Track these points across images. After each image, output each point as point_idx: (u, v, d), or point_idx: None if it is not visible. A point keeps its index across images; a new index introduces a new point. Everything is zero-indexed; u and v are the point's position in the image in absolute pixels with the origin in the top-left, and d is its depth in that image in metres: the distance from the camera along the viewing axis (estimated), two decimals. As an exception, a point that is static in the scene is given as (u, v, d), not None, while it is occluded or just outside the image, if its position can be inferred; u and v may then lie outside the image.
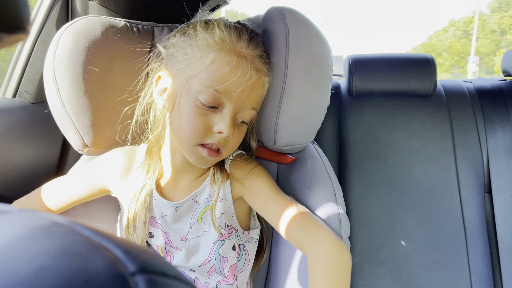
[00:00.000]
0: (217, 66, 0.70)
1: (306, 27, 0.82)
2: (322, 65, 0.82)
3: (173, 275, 0.23)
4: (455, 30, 29.13)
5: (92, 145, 0.86)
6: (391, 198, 1.19)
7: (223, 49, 0.71)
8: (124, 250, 0.22)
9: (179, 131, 0.74)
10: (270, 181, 0.82)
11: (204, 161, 0.76)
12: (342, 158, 1.25)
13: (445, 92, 1.30)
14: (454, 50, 28.92)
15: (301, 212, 0.76)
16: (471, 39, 25.64)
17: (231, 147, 0.77)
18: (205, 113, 0.71)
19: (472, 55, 23.21)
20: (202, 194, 0.81)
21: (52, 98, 0.82)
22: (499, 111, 1.21)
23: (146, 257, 0.23)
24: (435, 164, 1.20)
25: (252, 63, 0.73)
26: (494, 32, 26.22)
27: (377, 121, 1.26)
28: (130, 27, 0.92)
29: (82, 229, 0.24)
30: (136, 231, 0.81)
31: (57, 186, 0.87)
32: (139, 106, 0.84)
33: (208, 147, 0.73)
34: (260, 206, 0.81)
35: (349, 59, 1.31)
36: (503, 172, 1.16)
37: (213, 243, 0.80)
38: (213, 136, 0.72)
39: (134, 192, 0.82)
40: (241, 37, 0.73)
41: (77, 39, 0.81)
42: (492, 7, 26.64)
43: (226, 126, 0.71)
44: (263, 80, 0.77)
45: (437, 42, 30.06)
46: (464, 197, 1.17)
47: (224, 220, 0.81)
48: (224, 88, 0.70)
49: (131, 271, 0.21)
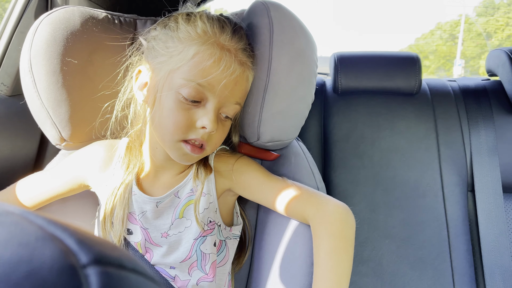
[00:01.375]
0: (199, 59, 0.68)
1: (291, 22, 0.81)
2: (306, 60, 0.81)
3: (131, 268, 0.21)
4: (441, 33, 29.52)
5: (70, 139, 0.84)
6: (375, 196, 1.19)
7: (205, 42, 0.69)
8: (78, 240, 0.20)
9: (160, 126, 0.72)
10: (258, 167, 0.82)
11: (187, 157, 0.74)
12: (327, 156, 1.25)
13: (430, 90, 1.30)
14: (441, 53, 29.30)
15: (299, 187, 0.76)
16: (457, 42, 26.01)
17: (215, 143, 0.75)
18: (187, 108, 0.69)
19: (458, 58, 23.54)
20: (184, 188, 0.80)
21: (28, 90, 0.80)
22: (483, 110, 1.22)
23: (102, 248, 0.21)
24: (419, 162, 1.21)
25: (236, 56, 0.71)
26: (479, 36, 26.63)
27: (362, 119, 1.26)
28: (112, 19, 0.90)
29: (35, 218, 0.22)
30: (114, 228, 0.79)
31: (33, 181, 0.85)
32: (119, 101, 0.82)
33: (191, 143, 0.71)
34: (254, 194, 0.81)
35: (335, 56, 1.30)
36: (486, 171, 1.17)
37: (194, 239, 0.79)
38: (196, 131, 0.71)
39: (113, 188, 0.79)
40: (224, 30, 0.72)
41: (55, 30, 0.79)
42: (478, 11, 27.06)
43: (209, 121, 0.69)
44: (247, 74, 0.75)
45: (424, 45, 30.42)
46: (447, 195, 1.17)
47: (207, 215, 0.79)
48: (207, 81, 0.68)
49: (83, 262, 0.19)
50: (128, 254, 0.23)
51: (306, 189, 0.76)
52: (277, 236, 0.81)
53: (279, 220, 0.83)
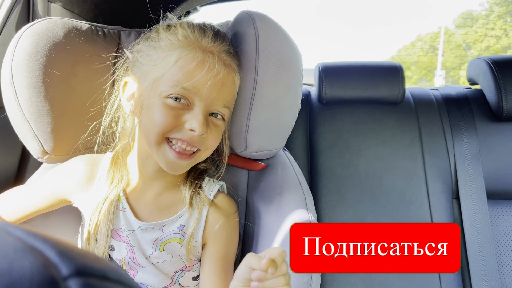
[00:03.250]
0: (182, 63, 0.68)
1: (277, 32, 0.81)
2: (292, 70, 0.82)
3: (115, 279, 0.20)
4: (422, 44, 30.16)
5: (52, 152, 0.82)
6: (362, 205, 1.19)
7: (187, 46, 0.69)
8: (60, 252, 0.20)
9: (147, 129, 0.71)
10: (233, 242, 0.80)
11: (175, 165, 0.72)
12: (313, 165, 1.25)
13: (413, 99, 1.32)
14: (422, 64, 29.91)
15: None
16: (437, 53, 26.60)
17: (209, 146, 0.74)
18: (175, 110, 0.69)
19: (439, 69, 24.05)
20: (171, 225, 0.78)
21: (9, 102, 0.78)
22: (465, 118, 1.24)
23: (85, 259, 0.20)
24: (405, 171, 1.21)
25: (219, 57, 0.71)
26: (459, 47, 27.29)
27: (347, 128, 1.26)
28: (95, 30, 0.89)
29: (14, 230, 0.21)
30: (98, 244, 0.77)
31: (14, 196, 0.82)
32: (106, 116, 0.80)
33: (175, 149, 0.70)
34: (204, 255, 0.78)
35: (319, 67, 1.31)
36: (470, 178, 1.18)
37: (175, 272, 0.78)
38: (183, 131, 0.69)
39: (97, 203, 0.77)
40: (205, 34, 0.72)
41: (37, 41, 0.77)
42: (457, 23, 27.77)
43: (198, 123, 0.68)
44: (232, 76, 0.74)
45: (405, 56, 31.01)
46: (433, 203, 1.18)
47: (189, 254, 0.78)
48: (192, 85, 0.67)
49: (64, 274, 0.18)
50: (112, 266, 0.22)
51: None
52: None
53: (270, 229, 0.82)
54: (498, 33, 25.44)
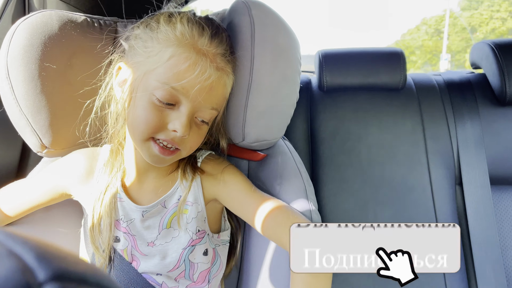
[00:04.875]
0: (175, 62, 0.67)
1: (273, 19, 0.80)
2: (290, 58, 0.80)
3: (95, 283, 0.20)
4: (427, 28, 29.75)
5: (51, 146, 0.82)
6: (364, 193, 1.18)
7: (182, 44, 0.68)
8: (38, 255, 0.19)
9: (133, 125, 0.71)
10: (244, 179, 0.80)
11: (158, 159, 0.72)
12: (314, 154, 1.24)
13: (415, 85, 1.30)
14: (427, 48, 29.54)
15: (278, 207, 0.73)
16: (442, 37, 26.25)
17: (189, 147, 0.74)
18: (161, 110, 0.68)
19: (444, 53, 23.74)
20: (171, 198, 0.78)
21: (6, 96, 0.78)
22: (468, 103, 1.22)
23: (63, 263, 0.20)
24: (407, 157, 1.21)
25: (213, 61, 0.70)
26: (464, 30, 26.90)
27: (349, 116, 1.25)
28: (91, 22, 0.88)
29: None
30: (102, 235, 0.77)
31: (15, 190, 0.83)
32: (99, 98, 0.79)
33: (159, 144, 0.70)
34: (235, 206, 0.79)
35: (319, 54, 1.29)
36: (473, 164, 1.17)
37: (183, 249, 0.77)
38: (166, 132, 0.69)
39: (99, 193, 0.78)
40: (203, 34, 0.70)
41: (32, 34, 0.77)
42: (462, 5, 27.34)
43: (181, 125, 0.67)
44: (224, 79, 0.73)
45: (410, 40, 30.63)
46: (435, 190, 1.17)
47: (195, 225, 0.78)
48: (181, 85, 0.66)
49: (40, 280, 0.18)
50: (93, 269, 0.22)
51: (285, 210, 0.73)
52: (266, 239, 0.80)
53: None
54: (503, 15, 25.04)
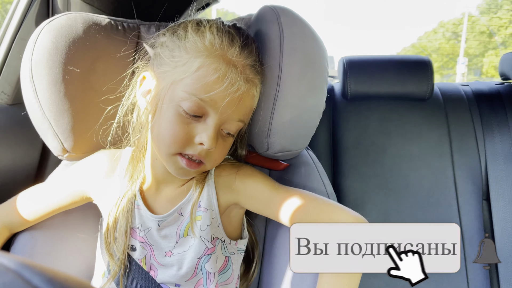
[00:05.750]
0: (203, 73, 0.65)
1: (302, 28, 0.78)
2: (318, 68, 0.78)
3: None
4: (444, 31, 29.40)
5: (72, 151, 0.81)
6: (387, 205, 1.16)
7: (211, 55, 0.66)
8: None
9: (158, 137, 0.69)
10: (263, 178, 0.77)
11: (184, 171, 0.70)
12: (336, 164, 1.21)
13: (442, 95, 1.26)
14: (444, 51, 29.20)
15: (310, 198, 0.71)
16: (460, 40, 25.90)
17: (214, 160, 0.72)
18: (187, 122, 0.66)
19: (461, 57, 23.43)
20: (187, 205, 0.76)
21: (29, 100, 0.77)
22: (498, 115, 1.19)
23: None
24: (432, 170, 1.17)
25: (242, 72, 0.67)
26: (482, 34, 26.51)
27: (373, 125, 1.22)
28: (115, 25, 0.87)
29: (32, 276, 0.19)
30: (117, 243, 0.76)
31: (34, 194, 0.82)
32: (122, 106, 0.78)
33: (187, 158, 0.68)
34: (258, 206, 0.77)
35: (344, 61, 1.27)
36: (502, 179, 1.13)
37: (198, 258, 0.75)
38: (194, 147, 0.67)
39: (116, 198, 0.76)
40: (233, 44, 0.68)
41: (56, 37, 0.76)
42: (481, 8, 26.94)
43: (208, 138, 0.66)
44: (253, 91, 0.71)
45: (426, 43, 30.32)
46: (461, 204, 1.14)
47: (210, 232, 0.76)
48: (210, 97, 0.64)
49: None
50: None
51: (317, 199, 0.72)
52: (287, 250, 0.78)
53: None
54: (524, 20, 24.61)
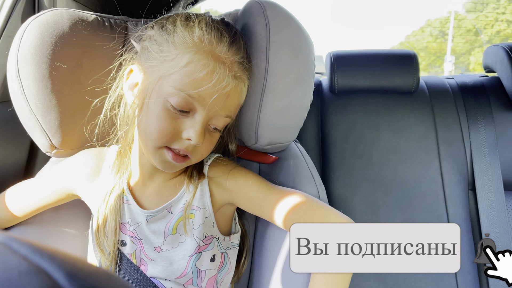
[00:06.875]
0: (192, 69, 0.65)
1: (288, 21, 0.78)
2: (304, 60, 0.79)
3: None
4: (431, 30, 29.68)
5: (60, 147, 0.81)
6: (375, 197, 1.17)
7: (200, 51, 0.66)
8: (68, 273, 0.18)
9: (145, 132, 0.69)
10: (256, 178, 0.78)
11: (169, 165, 0.70)
12: (325, 157, 1.23)
13: (428, 88, 1.28)
14: (431, 50, 29.48)
15: (302, 200, 0.72)
16: (447, 38, 26.17)
17: (200, 154, 0.72)
18: (175, 117, 0.67)
19: (448, 55, 23.68)
20: (178, 203, 0.76)
21: (16, 96, 0.77)
22: (482, 107, 1.21)
23: (95, 280, 0.18)
24: (419, 162, 1.19)
25: (231, 69, 0.68)
26: (469, 32, 26.82)
27: (360, 119, 1.24)
28: (102, 21, 0.87)
29: (19, 247, 0.20)
30: (107, 238, 0.76)
31: (22, 190, 0.82)
32: (109, 98, 0.78)
33: (173, 151, 0.68)
34: (253, 207, 0.77)
35: (331, 56, 1.28)
36: (487, 169, 1.15)
37: (190, 256, 0.75)
38: (181, 142, 0.68)
39: (104, 195, 0.76)
40: (221, 40, 0.68)
41: (42, 33, 0.75)
42: (467, 7, 27.26)
43: (196, 133, 0.66)
44: (240, 88, 0.72)
45: (414, 42, 30.56)
46: (448, 195, 1.16)
47: (203, 231, 0.76)
48: (198, 93, 0.65)
49: None
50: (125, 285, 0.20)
51: (309, 201, 0.72)
52: (278, 242, 0.79)
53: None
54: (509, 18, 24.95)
